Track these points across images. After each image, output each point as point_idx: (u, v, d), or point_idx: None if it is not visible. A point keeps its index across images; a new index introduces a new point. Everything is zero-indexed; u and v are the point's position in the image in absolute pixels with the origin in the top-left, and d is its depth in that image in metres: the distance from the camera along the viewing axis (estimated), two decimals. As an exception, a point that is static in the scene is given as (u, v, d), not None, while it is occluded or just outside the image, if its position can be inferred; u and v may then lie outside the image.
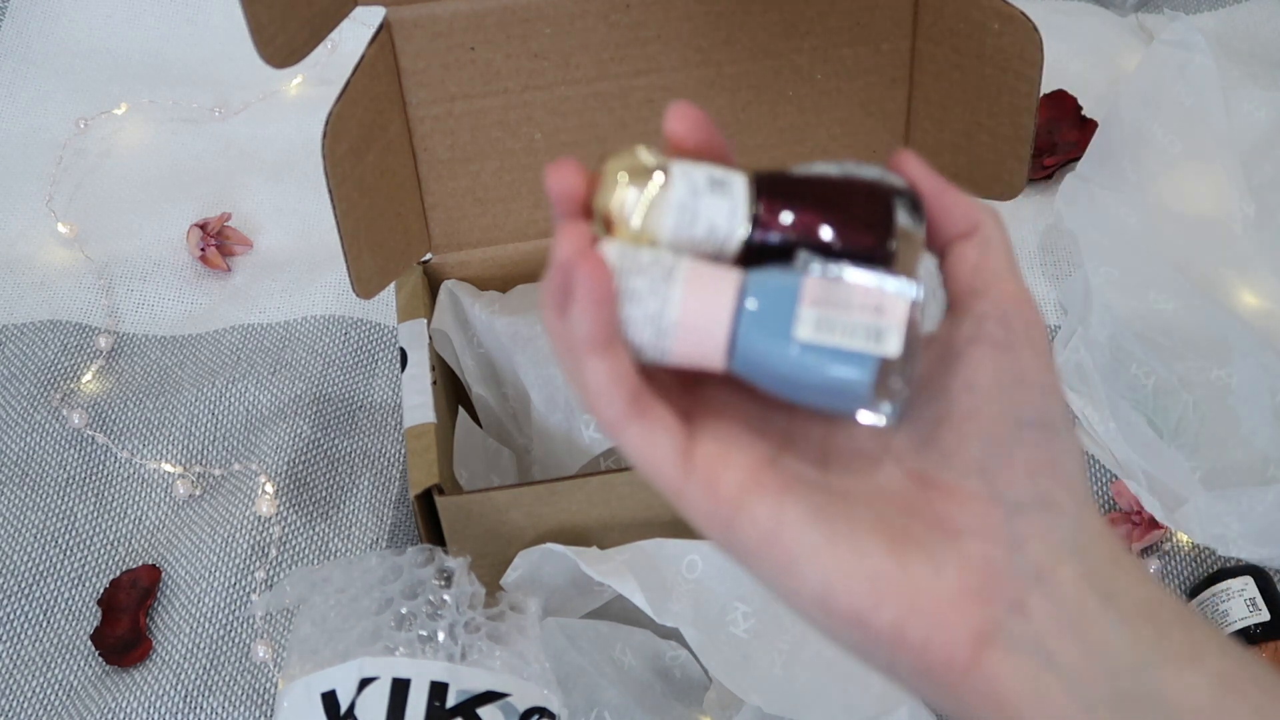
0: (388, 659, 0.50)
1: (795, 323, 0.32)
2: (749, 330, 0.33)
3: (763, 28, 0.63)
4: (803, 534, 0.33)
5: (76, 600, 0.68)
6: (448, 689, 0.49)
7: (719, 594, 0.55)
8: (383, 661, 0.50)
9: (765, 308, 0.33)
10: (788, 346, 0.33)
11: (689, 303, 0.33)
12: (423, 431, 0.59)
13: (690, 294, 0.33)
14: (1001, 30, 0.60)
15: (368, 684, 0.50)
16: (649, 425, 0.33)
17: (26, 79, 0.94)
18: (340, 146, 0.57)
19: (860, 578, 0.33)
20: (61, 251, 0.85)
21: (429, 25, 0.60)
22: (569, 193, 0.34)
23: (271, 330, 0.79)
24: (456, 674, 0.50)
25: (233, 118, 0.92)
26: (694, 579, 0.55)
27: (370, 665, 0.50)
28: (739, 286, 0.33)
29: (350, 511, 0.71)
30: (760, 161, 0.67)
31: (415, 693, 0.49)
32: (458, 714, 0.49)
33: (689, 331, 0.33)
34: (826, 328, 0.33)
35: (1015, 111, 0.62)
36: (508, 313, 0.65)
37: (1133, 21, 0.97)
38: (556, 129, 0.64)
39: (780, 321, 0.33)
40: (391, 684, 0.49)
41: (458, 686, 0.49)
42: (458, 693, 0.49)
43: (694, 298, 0.33)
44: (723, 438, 0.34)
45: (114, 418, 0.75)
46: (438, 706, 0.49)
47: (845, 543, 0.33)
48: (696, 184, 0.33)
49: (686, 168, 0.34)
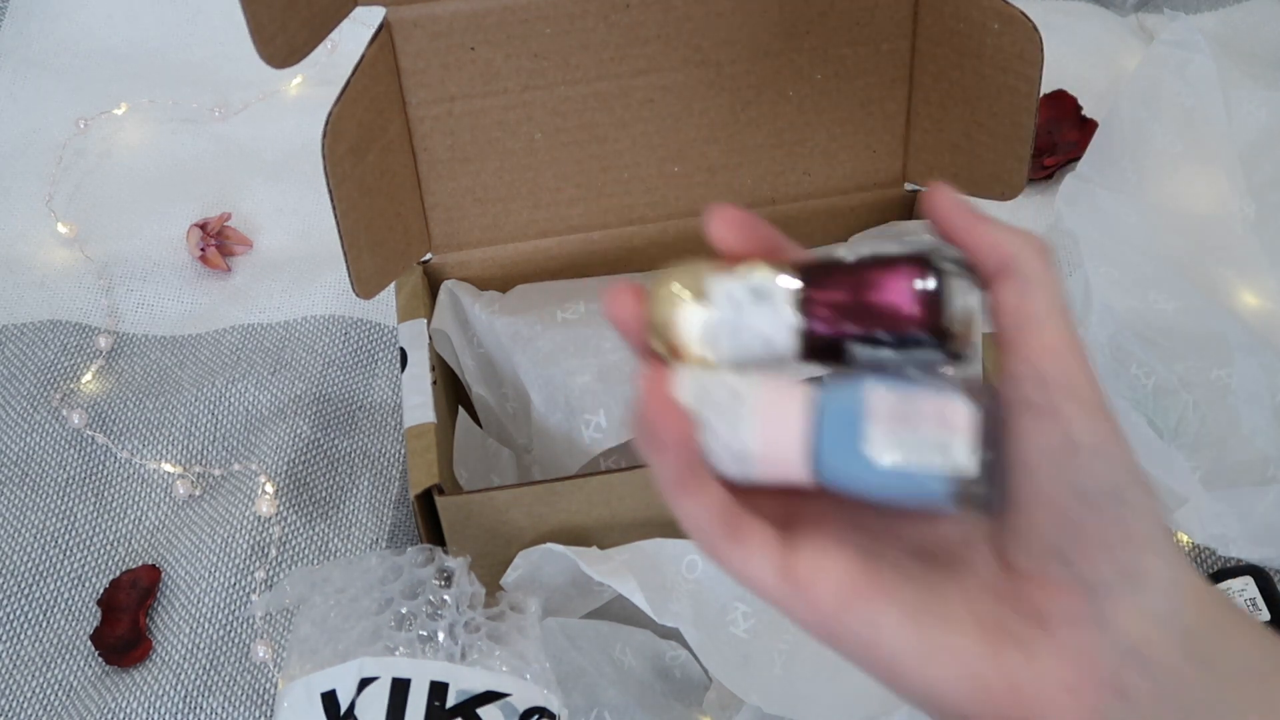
0: (388, 659, 0.50)
1: (865, 443, 0.33)
2: (823, 453, 0.33)
3: (763, 28, 0.63)
4: (900, 640, 0.33)
5: (76, 600, 0.68)
6: (448, 689, 0.49)
7: (719, 594, 0.55)
8: (383, 661, 0.50)
9: (834, 430, 0.33)
10: (863, 466, 0.33)
11: (762, 434, 0.33)
12: (423, 431, 0.59)
13: (762, 426, 0.33)
14: (1001, 30, 0.60)
15: (368, 684, 0.50)
16: (746, 549, 0.34)
17: (26, 79, 0.94)
18: (340, 146, 0.57)
19: (960, 679, 0.33)
20: (61, 251, 0.85)
21: (429, 25, 0.60)
22: (628, 318, 0.35)
23: (271, 330, 0.79)
24: (456, 674, 0.50)
25: (233, 118, 0.92)
26: (694, 579, 0.55)
27: (370, 665, 0.50)
28: (807, 409, 0.33)
29: (350, 511, 0.71)
30: (760, 162, 0.67)
31: (415, 693, 0.49)
32: (458, 714, 0.49)
33: (768, 461, 0.34)
34: (896, 446, 0.33)
35: (1015, 111, 0.62)
36: (508, 313, 0.65)
37: (1133, 21, 0.97)
38: (556, 129, 0.64)
39: (851, 442, 0.33)
40: (391, 684, 0.49)
41: (458, 686, 0.49)
42: (458, 692, 0.49)
43: (766, 428, 0.33)
44: (819, 546, 0.34)
45: (114, 418, 0.75)
46: (437, 706, 0.49)
47: (942, 645, 0.33)
48: (739, 300, 0.34)
49: (727, 285, 0.34)
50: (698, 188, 0.67)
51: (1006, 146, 0.63)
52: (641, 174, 0.66)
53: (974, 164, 0.65)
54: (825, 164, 0.67)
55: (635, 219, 0.67)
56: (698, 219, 0.70)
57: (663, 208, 0.67)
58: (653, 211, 0.67)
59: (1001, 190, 0.65)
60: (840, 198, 0.68)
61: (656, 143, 0.65)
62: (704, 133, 0.65)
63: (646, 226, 0.68)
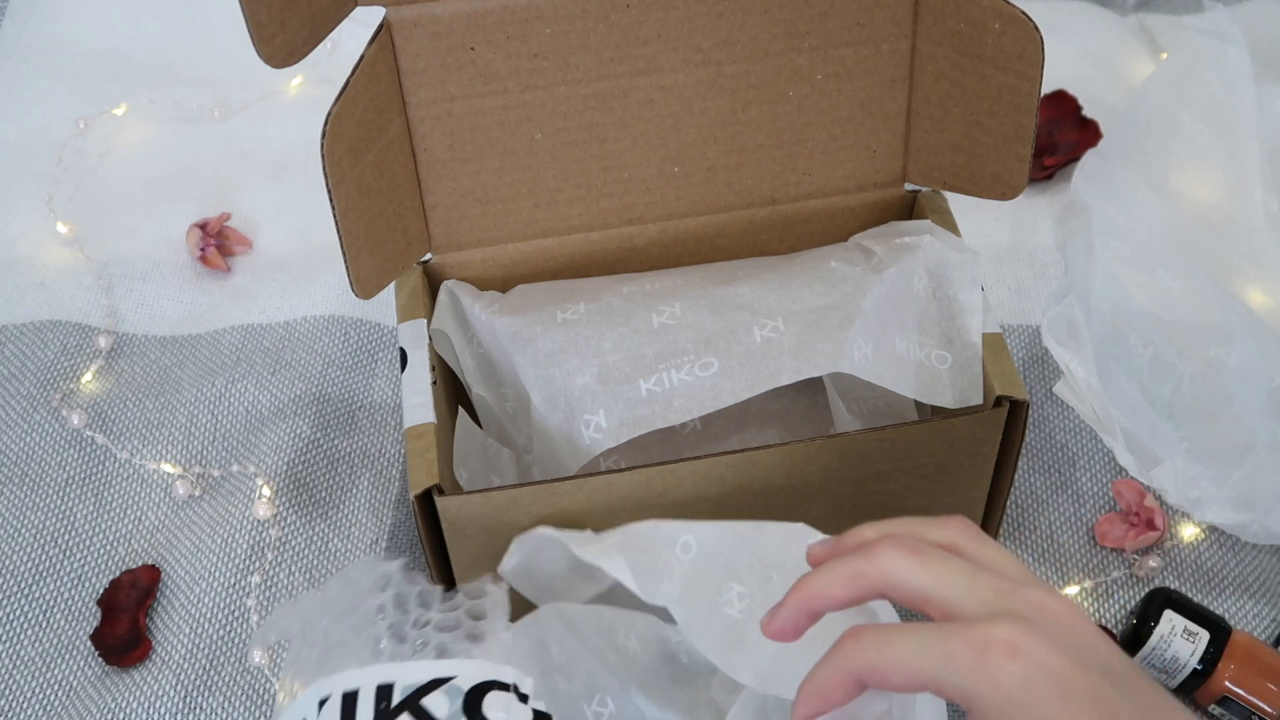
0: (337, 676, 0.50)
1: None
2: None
3: (763, 28, 0.63)
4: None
5: (76, 600, 0.68)
6: (393, 689, 0.49)
7: (713, 575, 0.54)
8: (332, 680, 0.50)
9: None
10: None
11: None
12: (423, 432, 0.59)
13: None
14: (1002, 30, 0.60)
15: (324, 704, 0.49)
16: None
17: (26, 79, 0.94)
18: (340, 146, 0.57)
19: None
20: (61, 251, 0.85)
21: (429, 25, 0.60)
22: None
23: (271, 330, 0.79)
24: (400, 672, 0.49)
25: (233, 118, 0.92)
26: (688, 560, 0.54)
27: (324, 685, 0.50)
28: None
29: (350, 512, 0.71)
30: (760, 162, 0.67)
31: (363, 701, 0.49)
32: (403, 710, 0.49)
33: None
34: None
35: (1016, 111, 0.62)
36: (508, 313, 0.65)
37: (1133, 21, 0.97)
38: (556, 129, 0.64)
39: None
40: (341, 700, 0.49)
41: (402, 683, 0.49)
42: (402, 689, 0.49)
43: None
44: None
45: (114, 418, 0.75)
46: (384, 708, 0.48)
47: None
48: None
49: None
50: (698, 188, 0.67)
51: (1007, 146, 0.63)
52: (641, 174, 0.66)
53: (974, 164, 0.65)
54: (825, 164, 0.67)
55: (635, 219, 0.67)
56: (698, 219, 0.70)
57: (663, 208, 0.67)
58: (653, 211, 0.67)
59: (1002, 190, 0.65)
60: (840, 198, 0.68)
61: (656, 143, 0.65)
62: (704, 133, 0.65)
63: (646, 226, 0.68)
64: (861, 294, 0.62)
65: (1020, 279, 0.82)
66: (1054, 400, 0.74)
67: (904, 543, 0.42)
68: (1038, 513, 0.70)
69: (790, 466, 0.59)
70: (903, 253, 0.64)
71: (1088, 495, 0.71)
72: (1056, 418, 0.74)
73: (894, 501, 0.62)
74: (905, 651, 0.39)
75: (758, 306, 0.62)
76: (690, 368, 0.60)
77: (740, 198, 0.68)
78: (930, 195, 0.68)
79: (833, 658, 0.41)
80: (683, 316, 0.62)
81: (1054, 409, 0.74)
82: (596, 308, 0.64)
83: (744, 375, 0.60)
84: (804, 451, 0.58)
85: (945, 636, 0.39)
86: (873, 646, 0.40)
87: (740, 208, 0.68)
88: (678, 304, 0.63)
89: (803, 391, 0.69)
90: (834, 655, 0.41)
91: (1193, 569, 0.68)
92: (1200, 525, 0.69)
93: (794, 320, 0.61)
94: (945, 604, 0.41)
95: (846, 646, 0.41)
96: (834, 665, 0.41)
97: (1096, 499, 0.71)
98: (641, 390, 0.60)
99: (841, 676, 0.41)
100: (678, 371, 0.60)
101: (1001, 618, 0.39)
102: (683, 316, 0.62)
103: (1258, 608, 0.66)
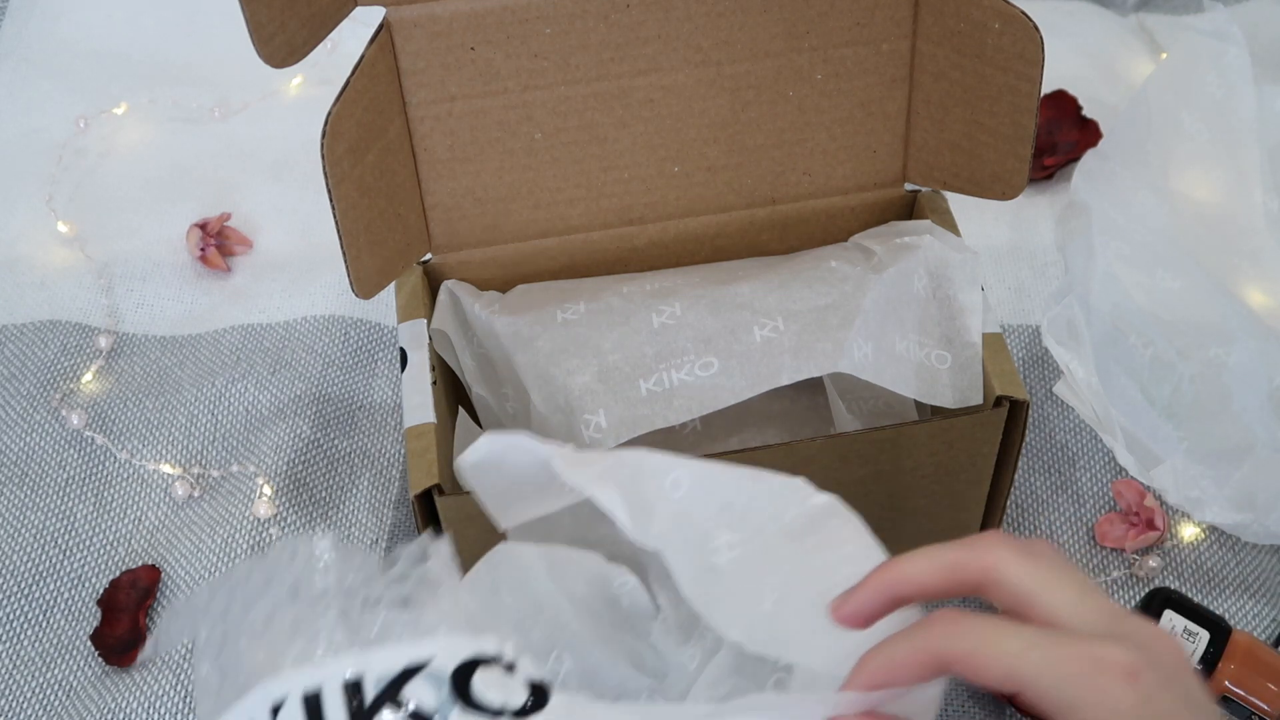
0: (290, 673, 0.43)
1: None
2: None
3: (763, 28, 0.63)
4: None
5: (76, 600, 0.68)
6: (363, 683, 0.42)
7: (701, 519, 0.49)
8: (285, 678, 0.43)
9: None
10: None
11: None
12: (423, 431, 0.59)
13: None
14: (1002, 30, 0.60)
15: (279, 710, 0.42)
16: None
17: (26, 79, 0.94)
18: (340, 146, 0.57)
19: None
20: (61, 251, 0.85)
21: (429, 25, 0.60)
22: None
23: (271, 330, 0.79)
24: (367, 661, 0.43)
25: (233, 118, 0.92)
26: (677, 499, 0.49)
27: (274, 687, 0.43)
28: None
29: (350, 512, 0.71)
30: (760, 162, 0.67)
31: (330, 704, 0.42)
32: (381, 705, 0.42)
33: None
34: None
35: (1016, 111, 0.62)
36: (508, 313, 0.65)
37: (1133, 21, 0.97)
38: (556, 129, 0.64)
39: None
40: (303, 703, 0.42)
41: (373, 674, 0.42)
42: (375, 681, 0.42)
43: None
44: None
45: (113, 418, 0.75)
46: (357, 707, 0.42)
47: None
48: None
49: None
50: (698, 188, 0.67)
51: (1007, 146, 0.63)
52: (641, 174, 0.66)
53: (974, 164, 0.65)
54: (825, 164, 0.67)
55: (635, 219, 0.67)
56: (698, 219, 0.70)
57: (663, 208, 0.67)
58: (653, 211, 0.67)
59: (1002, 190, 0.65)
60: (840, 198, 0.68)
61: (656, 143, 0.65)
62: (704, 133, 0.65)
63: (646, 226, 0.68)
64: (861, 294, 0.62)
65: (1020, 279, 0.82)
66: (1054, 400, 0.74)
67: (1014, 540, 0.40)
68: (1038, 513, 0.70)
69: (790, 466, 0.58)
70: (903, 253, 0.64)
71: (1088, 495, 0.71)
72: (1056, 418, 0.74)
73: (894, 501, 0.62)
74: (1012, 649, 0.38)
75: (758, 306, 0.62)
76: (690, 368, 0.60)
77: (740, 198, 0.68)
78: (930, 195, 0.68)
79: (917, 636, 0.39)
80: (683, 316, 0.62)
81: (1054, 409, 0.74)
82: (596, 308, 0.64)
83: (744, 375, 0.60)
84: (804, 451, 0.58)
85: (1058, 643, 0.38)
86: (973, 633, 0.38)
87: (740, 208, 0.68)
88: (678, 304, 0.63)
89: (803, 391, 0.69)
90: (919, 633, 0.39)
91: (1193, 569, 0.68)
92: (1200, 525, 0.69)
93: (794, 320, 0.61)
94: (1051, 611, 0.39)
95: (938, 629, 0.39)
96: (918, 644, 0.39)
97: (1096, 499, 0.71)
98: (641, 390, 0.60)
99: (924, 657, 0.39)
100: (678, 371, 0.60)
101: (1119, 640, 0.38)
102: (683, 316, 0.62)
103: (1258, 608, 0.66)
